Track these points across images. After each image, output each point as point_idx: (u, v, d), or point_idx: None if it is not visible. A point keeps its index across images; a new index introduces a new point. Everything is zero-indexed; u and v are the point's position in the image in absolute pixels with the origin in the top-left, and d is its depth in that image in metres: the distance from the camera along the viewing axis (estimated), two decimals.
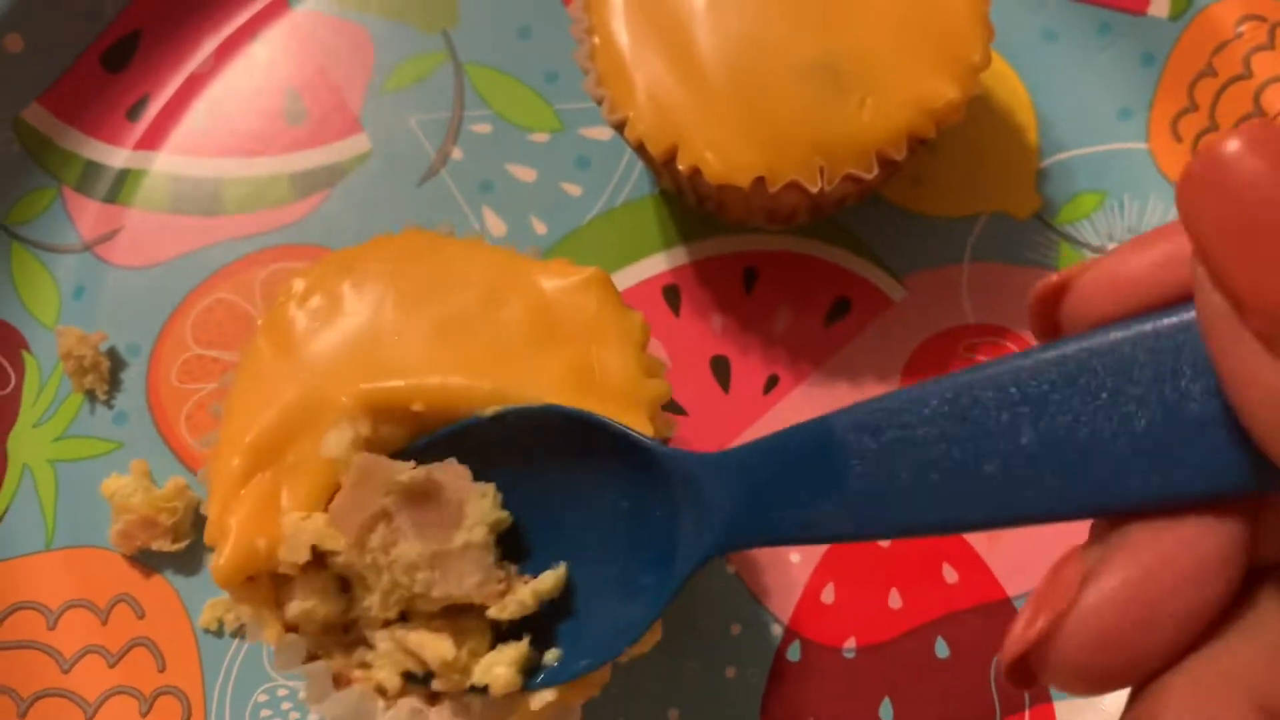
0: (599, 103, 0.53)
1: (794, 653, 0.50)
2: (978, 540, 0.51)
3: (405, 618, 0.40)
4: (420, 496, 0.38)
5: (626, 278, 0.55)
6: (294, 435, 0.40)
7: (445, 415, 0.41)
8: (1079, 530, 0.29)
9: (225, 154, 0.58)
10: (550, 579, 0.39)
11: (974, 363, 0.53)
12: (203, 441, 0.43)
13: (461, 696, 0.39)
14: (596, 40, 0.53)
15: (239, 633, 0.50)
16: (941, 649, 0.49)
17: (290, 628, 0.39)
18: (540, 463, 0.40)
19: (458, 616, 0.39)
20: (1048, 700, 0.48)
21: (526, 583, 0.39)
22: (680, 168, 0.49)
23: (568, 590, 0.40)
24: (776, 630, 0.50)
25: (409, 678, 0.39)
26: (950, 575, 0.50)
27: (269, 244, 0.56)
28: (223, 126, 0.58)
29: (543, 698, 0.38)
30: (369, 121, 0.58)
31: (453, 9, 0.60)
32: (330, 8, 0.60)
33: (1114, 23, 0.57)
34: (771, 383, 0.54)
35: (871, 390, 0.53)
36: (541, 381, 0.41)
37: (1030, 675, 0.27)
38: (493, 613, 0.39)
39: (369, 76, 0.59)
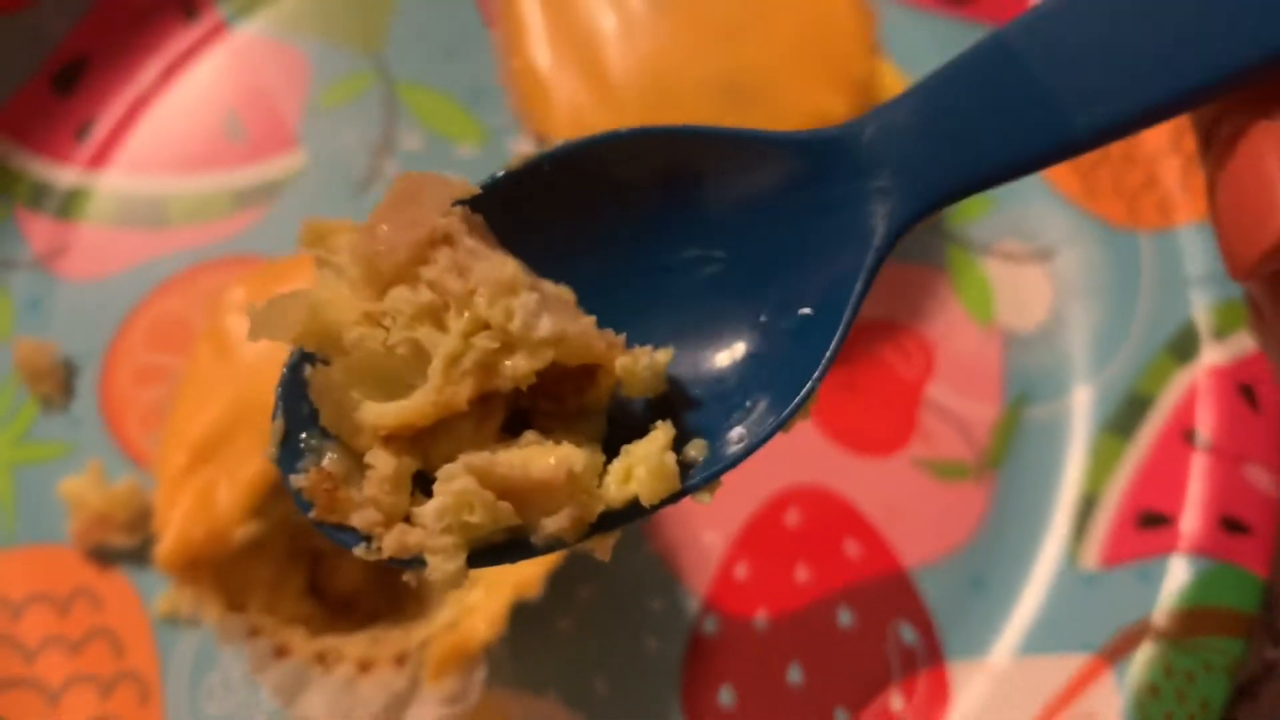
0: (521, 119, 0.57)
1: (710, 625, 0.54)
2: (876, 518, 0.55)
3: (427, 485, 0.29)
4: (481, 229, 0.30)
5: None
6: (233, 433, 0.44)
7: None
8: (968, 506, 0.33)
9: (170, 171, 0.61)
10: (663, 353, 0.32)
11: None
12: (153, 441, 0.47)
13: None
14: (517, 62, 0.57)
15: (193, 619, 0.53)
16: (843, 618, 0.54)
17: (235, 608, 0.43)
18: (596, 222, 0.32)
19: (539, 424, 0.31)
20: (940, 663, 0.53)
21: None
22: None
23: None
24: (693, 605, 0.54)
25: (476, 557, 0.29)
26: (852, 550, 0.55)
27: (212, 256, 0.60)
28: (167, 145, 0.62)
29: (703, 498, 0.30)
30: (306, 138, 0.62)
31: (383, 31, 0.63)
32: (267, 31, 0.64)
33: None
34: None
35: None
36: None
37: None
38: (626, 385, 0.30)
39: (305, 96, 0.62)
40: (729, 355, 0.32)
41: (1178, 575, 0.51)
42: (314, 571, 0.49)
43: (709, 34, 0.54)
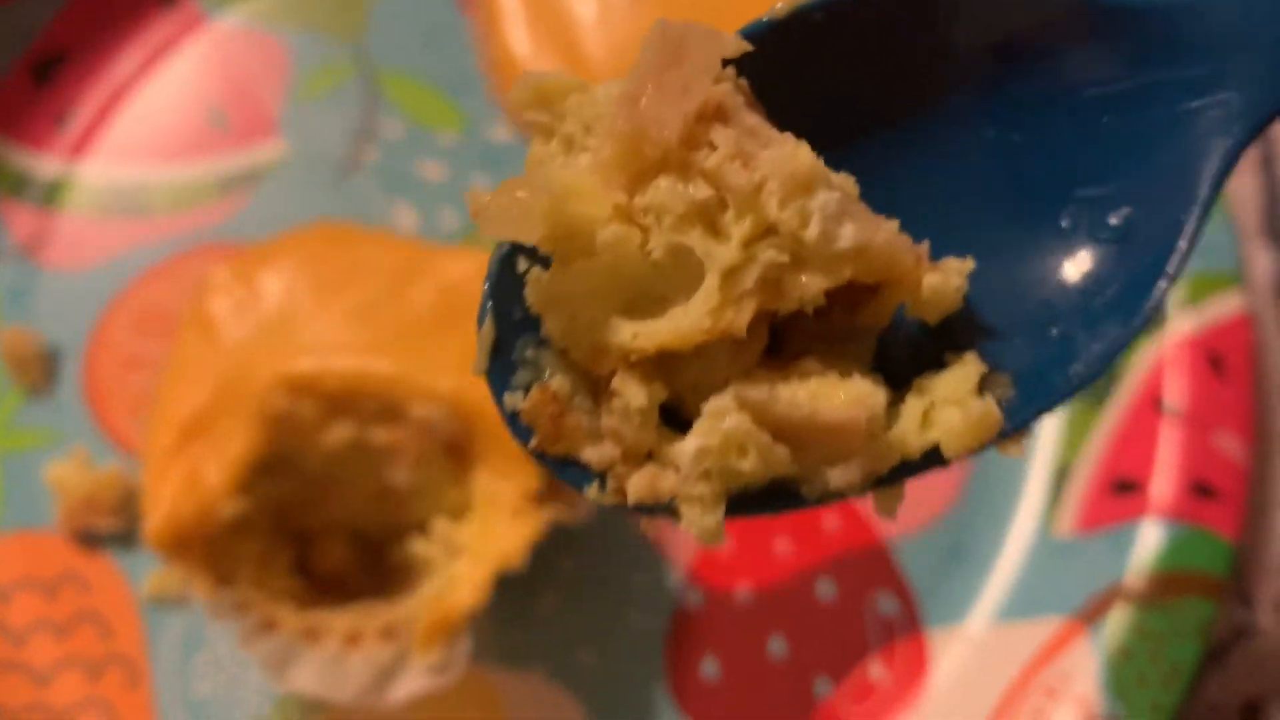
0: (501, 106, 0.58)
1: (693, 598, 0.55)
2: None
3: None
4: (752, 100, 0.25)
5: None
6: (219, 413, 0.45)
7: (357, 392, 0.45)
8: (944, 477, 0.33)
9: (151, 160, 0.62)
10: (961, 261, 0.26)
11: None
12: (139, 426, 0.47)
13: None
14: (495, 49, 0.58)
15: (181, 600, 0.54)
16: (824, 589, 0.55)
17: (222, 581, 0.43)
18: (873, 91, 0.27)
19: (807, 348, 0.26)
20: (919, 631, 0.54)
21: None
22: None
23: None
24: (676, 579, 0.55)
25: (737, 503, 0.24)
26: (831, 523, 0.56)
27: (195, 243, 0.60)
28: (148, 134, 0.62)
29: (1013, 451, 0.25)
30: (287, 127, 0.62)
31: (362, 20, 0.64)
32: (247, 21, 0.64)
33: None
34: None
35: None
36: (447, 359, 0.46)
37: None
38: (919, 306, 0.25)
39: (285, 84, 0.63)
40: (1029, 268, 0.27)
41: (1150, 540, 0.52)
42: (300, 550, 0.50)
43: (684, 17, 0.55)
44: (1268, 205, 0.60)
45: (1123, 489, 0.54)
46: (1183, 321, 0.55)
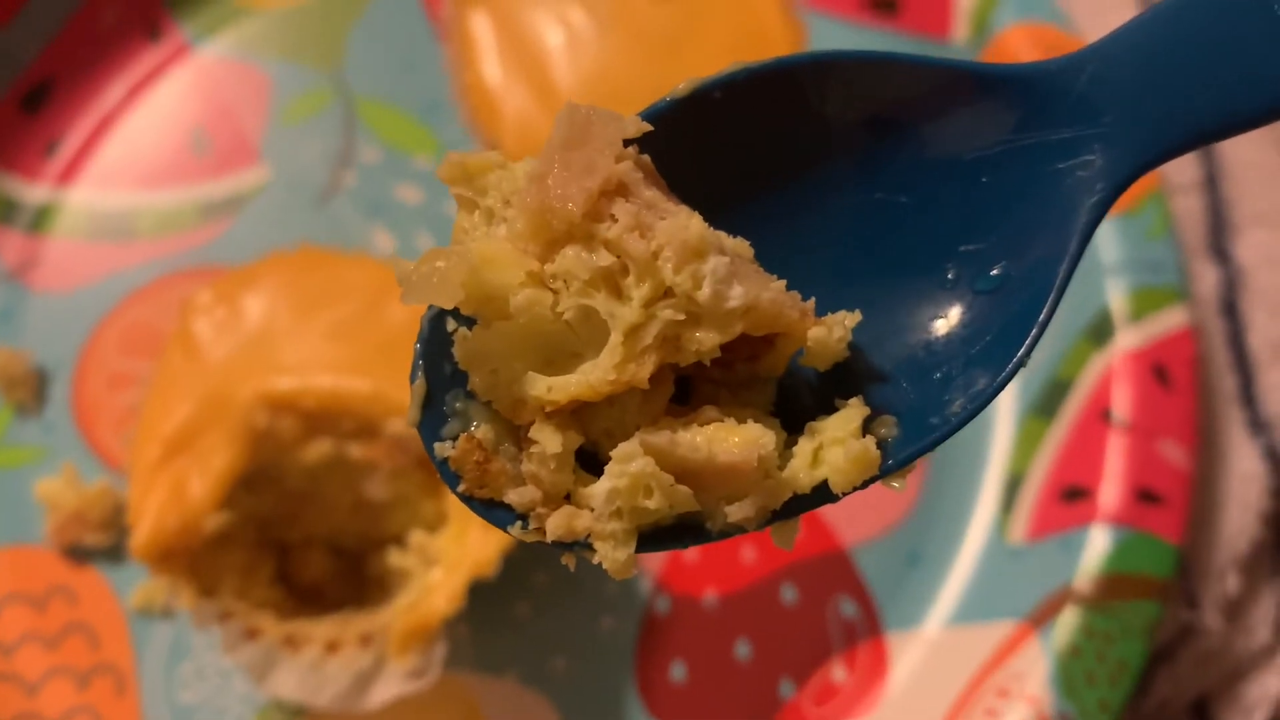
0: (474, 132, 0.60)
1: (662, 605, 0.57)
2: None
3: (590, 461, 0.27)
4: (653, 173, 0.27)
5: None
6: (203, 430, 0.47)
7: (335, 410, 0.47)
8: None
9: (137, 186, 0.64)
10: (851, 318, 0.28)
11: None
12: (125, 443, 0.49)
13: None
14: (468, 77, 0.60)
15: (167, 611, 0.56)
16: (787, 594, 0.57)
17: (206, 591, 0.45)
18: (769, 159, 0.29)
19: (709, 394, 0.28)
20: (879, 634, 0.56)
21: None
22: None
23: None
24: (646, 586, 0.57)
25: (649, 538, 0.27)
26: None
27: (179, 266, 0.62)
28: (134, 161, 0.64)
29: (896, 485, 0.28)
30: (268, 153, 0.64)
31: (341, 51, 0.66)
32: (229, 52, 0.66)
33: (923, 50, 0.65)
34: None
35: None
36: None
37: None
38: (809, 355, 0.27)
39: (266, 112, 0.65)
40: (915, 318, 0.29)
41: (1098, 545, 0.54)
42: (281, 562, 0.52)
43: (648, 47, 0.58)
44: (1211, 223, 0.63)
45: (1072, 496, 0.56)
46: (1130, 335, 0.58)
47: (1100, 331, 0.58)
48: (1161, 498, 0.55)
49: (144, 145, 0.65)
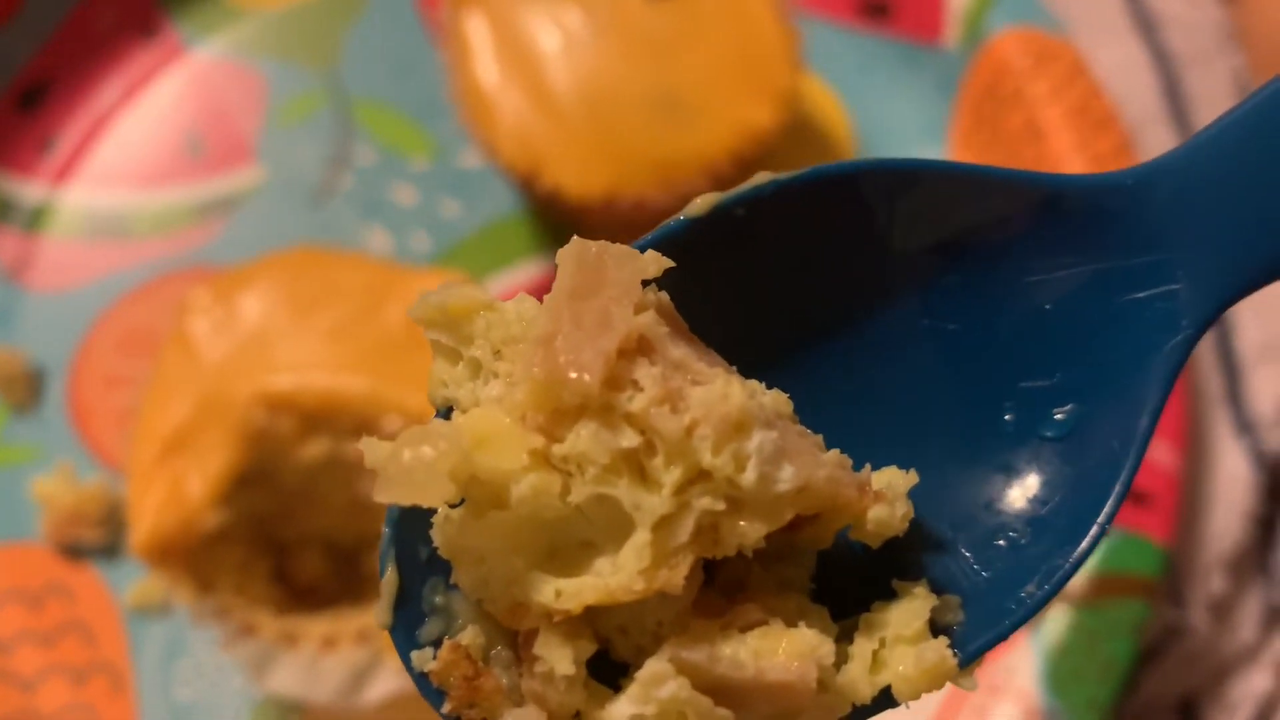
0: (469, 133, 0.60)
1: None
2: None
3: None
4: (674, 318, 0.23)
5: (501, 283, 0.62)
6: (200, 429, 0.47)
7: (332, 409, 0.48)
8: None
9: (132, 186, 0.64)
10: (903, 476, 0.24)
11: None
12: (123, 442, 0.50)
13: None
14: (464, 79, 0.61)
15: (163, 609, 0.56)
16: None
17: (204, 588, 0.45)
18: (801, 285, 0.25)
19: (747, 587, 0.24)
20: None
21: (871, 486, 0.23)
22: (540, 188, 0.57)
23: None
24: None
25: None
26: None
27: (175, 266, 0.62)
28: (130, 161, 0.65)
29: (965, 684, 0.23)
30: (264, 153, 0.65)
31: (337, 52, 0.67)
32: (225, 53, 0.67)
33: (917, 55, 0.65)
34: None
35: None
36: (417, 376, 0.49)
37: None
38: (861, 531, 0.23)
39: (262, 113, 0.65)
40: (974, 470, 0.25)
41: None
42: (278, 560, 0.52)
43: (643, 52, 0.58)
44: None
45: None
46: None
47: None
48: (1150, 498, 0.55)
49: (140, 145, 0.65)
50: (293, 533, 0.52)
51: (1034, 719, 0.52)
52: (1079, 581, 0.54)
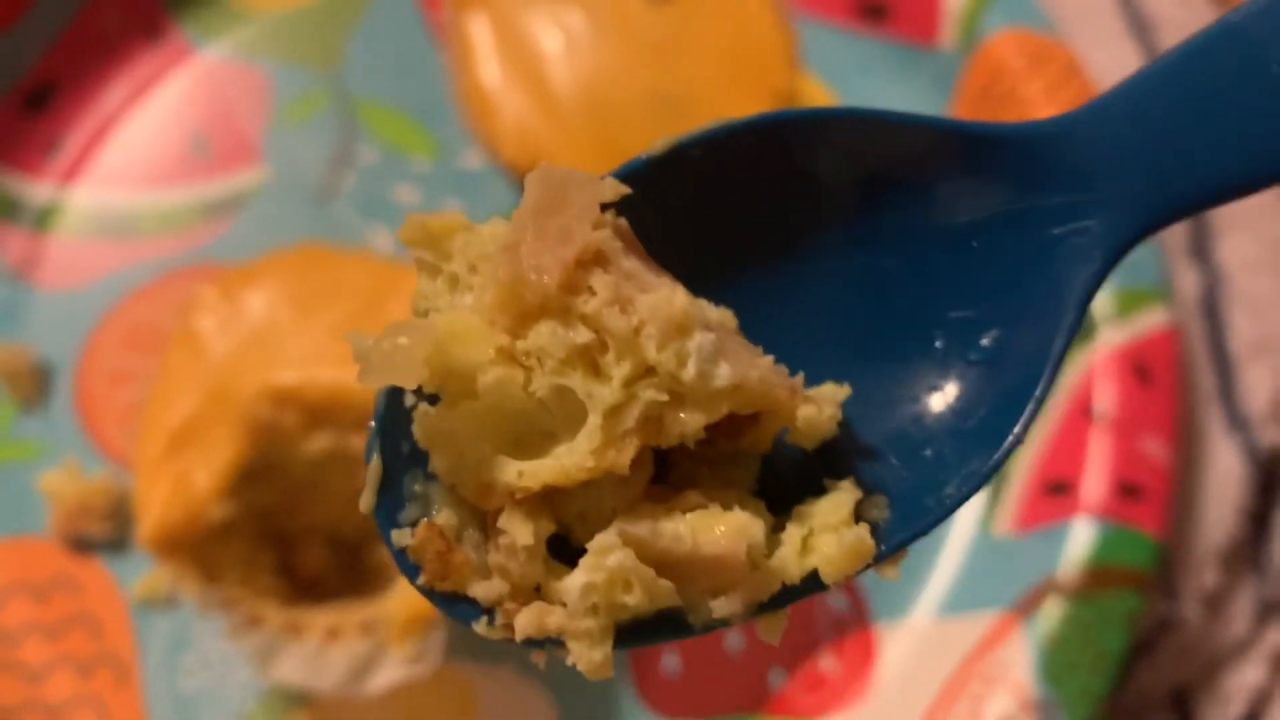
0: (472, 133, 0.61)
1: None
2: None
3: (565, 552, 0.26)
4: (631, 240, 0.26)
5: None
6: (207, 423, 0.48)
7: (337, 403, 0.48)
8: None
9: (139, 185, 0.65)
10: (836, 388, 0.27)
11: None
12: (128, 438, 0.50)
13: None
14: (466, 80, 0.61)
15: (170, 601, 0.57)
16: None
17: (210, 580, 0.46)
18: (748, 221, 0.28)
19: (689, 478, 0.27)
20: (866, 625, 0.57)
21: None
22: None
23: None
24: None
25: (625, 633, 0.25)
26: None
27: (181, 264, 0.63)
28: (136, 161, 0.65)
29: (889, 574, 0.27)
30: (268, 153, 0.65)
31: (339, 52, 0.67)
32: (230, 54, 0.67)
33: (914, 56, 0.66)
34: None
35: None
36: None
37: None
38: (796, 433, 0.26)
39: (266, 113, 0.66)
40: (904, 390, 0.28)
41: (1081, 537, 0.56)
42: (283, 553, 0.53)
43: (644, 52, 0.59)
44: (1192, 227, 0.64)
45: (1056, 490, 0.57)
46: (1112, 334, 0.59)
47: (1084, 331, 0.60)
48: (1143, 492, 0.56)
49: (146, 146, 0.66)
50: (297, 525, 0.52)
51: (1029, 709, 0.53)
52: (1074, 574, 0.55)
